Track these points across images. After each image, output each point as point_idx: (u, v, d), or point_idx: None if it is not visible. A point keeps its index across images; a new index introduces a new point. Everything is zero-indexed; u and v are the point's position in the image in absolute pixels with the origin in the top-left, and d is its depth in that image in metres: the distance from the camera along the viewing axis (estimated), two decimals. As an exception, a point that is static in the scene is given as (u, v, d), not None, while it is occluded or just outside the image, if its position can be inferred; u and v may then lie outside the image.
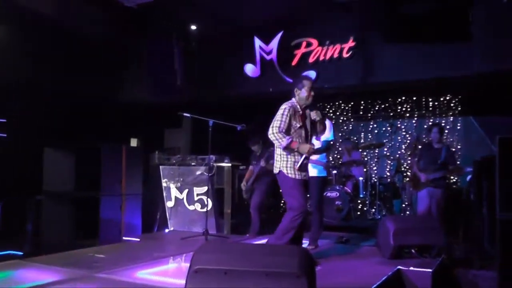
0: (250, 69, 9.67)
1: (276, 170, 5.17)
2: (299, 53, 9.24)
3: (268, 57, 9.50)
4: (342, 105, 11.21)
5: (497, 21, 7.59)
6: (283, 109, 5.08)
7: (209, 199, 7.64)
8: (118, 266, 5.15)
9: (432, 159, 7.40)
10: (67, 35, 8.83)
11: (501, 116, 8.36)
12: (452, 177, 9.71)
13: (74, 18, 8.80)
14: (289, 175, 5.06)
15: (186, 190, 8.20)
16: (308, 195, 5.71)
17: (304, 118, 5.16)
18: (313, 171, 6.06)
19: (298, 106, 5.17)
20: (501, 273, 5.19)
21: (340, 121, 11.35)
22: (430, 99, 10.29)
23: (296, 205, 4.97)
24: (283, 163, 5.10)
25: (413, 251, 5.48)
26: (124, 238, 7.61)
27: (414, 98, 10.41)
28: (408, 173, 9.75)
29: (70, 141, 8.55)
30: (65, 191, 8.03)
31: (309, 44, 9.16)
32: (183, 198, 8.23)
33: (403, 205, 9.42)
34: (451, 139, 10.14)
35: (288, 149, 5.00)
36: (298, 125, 5.07)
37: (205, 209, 7.43)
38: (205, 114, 7.10)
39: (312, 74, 8.98)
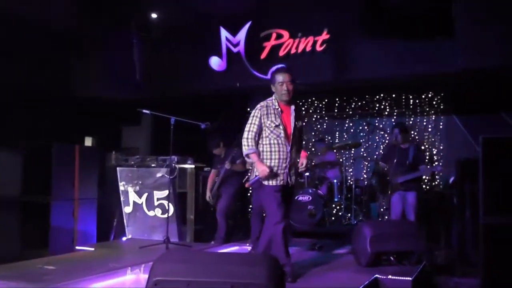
0: (215, 62, 9.62)
1: (252, 176, 5.19)
2: (268, 45, 9.22)
3: (235, 50, 9.46)
4: (315, 102, 11.21)
5: (480, 16, 7.69)
6: (254, 111, 5.10)
7: (170, 204, 7.59)
8: (70, 278, 5.04)
9: (399, 161, 7.50)
10: (10, 23, 8.60)
11: (485, 115, 8.50)
12: (428, 179, 9.84)
13: (20, 4, 8.59)
14: (264, 182, 5.04)
15: (146, 194, 8.13)
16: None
17: (286, 116, 5.08)
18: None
19: (277, 103, 5.09)
20: (484, 281, 5.26)
21: (313, 119, 11.35)
22: (410, 96, 10.36)
23: (271, 212, 5.01)
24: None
25: (391, 258, 5.51)
26: (77, 247, 7.51)
27: (393, 95, 10.48)
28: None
29: (15, 139, 8.37)
30: (10, 196, 7.86)
31: (279, 36, 9.15)
32: (142, 203, 8.16)
33: (381, 209, 9.48)
34: (433, 139, 10.24)
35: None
36: (274, 124, 5.00)
37: (166, 215, 7.37)
38: (167, 111, 7.06)
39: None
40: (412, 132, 10.30)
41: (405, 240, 5.58)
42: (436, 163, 9.89)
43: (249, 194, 10.12)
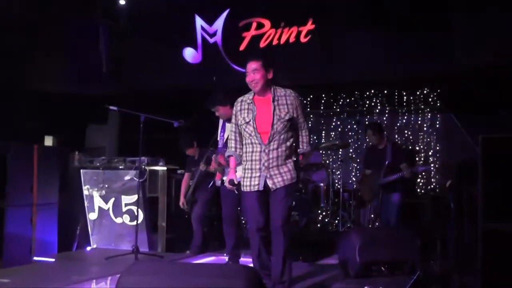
0: (190, 54, 9.59)
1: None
2: (248, 36, 9.22)
3: (211, 40, 9.44)
4: (300, 98, 11.19)
5: (479, 10, 7.76)
6: None
7: (140, 210, 7.55)
8: (27, 292, 4.98)
9: (377, 162, 7.61)
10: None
11: (485, 113, 8.56)
12: (423, 181, 9.92)
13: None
14: (241, 187, 4.90)
15: (113, 199, 8.08)
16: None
17: (263, 110, 4.79)
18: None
19: (251, 97, 4.87)
20: (483, 291, 5.28)
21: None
22: (404, 93, 10.43)
23: (247, 220, 4.96)
24: None
25: (382, 268, 5.51)
26: (35, 258, 7.45)
27: (385, 92, 10.54)
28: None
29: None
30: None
31: (260, 26, 9.15)
32: (108, 209, 8.12)
33: (371, 215, 9.50)
34: (428, 139, 10.32)
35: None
36: (245, 121, 4.80)
37: (135, 222, 7.30)
38: (136, 108, 6.99)
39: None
40: (406, 131, 10.36)
41: (398, 248, 5.59)
42: (422, 162, 9.97)
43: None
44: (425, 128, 10.35)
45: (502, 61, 7.75)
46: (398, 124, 10.51)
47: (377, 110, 10.73)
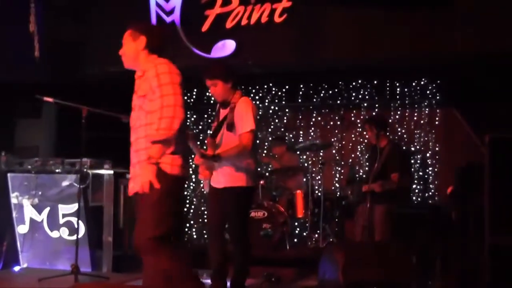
0: (142, 35, 9.48)
1: None
2: (212, 14, 9.15)
3: (168, 19, 9.37)
4: (273, 89, 11.24)
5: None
6: None
7: (81, 222, 7.52)
8: None
9: (370, 164, 7.79)
10: None
11: (493, 108, 8.64)
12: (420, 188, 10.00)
13: None
14: None
15: (48, 209, 8.05)
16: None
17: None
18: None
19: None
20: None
21: (270, 111, 11.38)
22: (397, 84, 10.50)
23: None
24: None
25: (371, 291, 5.52)
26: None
27: (375, 82, 10.60)
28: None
29: None
30: None
31: (226, 2, 9.11)
32: (42, 221, 8.07)
33: (358, 228, 9.54)
34: (426, 138, 10.40)
35: None
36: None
37: (74, 237, 7.26)
38: (77, 100, 6.95)
39: (229, 45, 8.97)
40: (400, 129, 10.41)
41: (389, 268, 5.59)
42: (419, 165, 10.04)
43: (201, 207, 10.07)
44: (421, 126, 10.45)
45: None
46: (390, 121, 10.53)
47: (365, 104, 10.79)
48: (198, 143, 11.18)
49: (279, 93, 11.26)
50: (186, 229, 11.03)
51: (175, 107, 4.34)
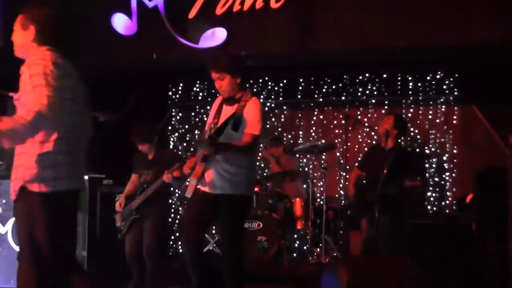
0: (121, 22, 9.52)
1: None
2: (200, -1, 9.17)
3: (150, 4, 9.36)
4: (269, 84, 11.21)
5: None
6: None
7: None
8: None
9: (375, 167, 7.65)
10: None
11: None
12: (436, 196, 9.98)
13: None
14: None
15: (12, 220, 7.89)
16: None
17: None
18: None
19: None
20: None
21: (266, 109, 11.33)
22: (409, 78, 10.47)
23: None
24: None
25: (381, 313, 5.51)
26: None
27: (384, 76, 10.56)
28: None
29: None
30: None
31: (216, -15, 9.12)
32: (6, 233, 8.02)
33: (365, 240, 9.52)
34: (442, 140, 10.36)
35: None
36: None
37: (44, 251, 7.18)
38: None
39: (220, 34, 8.99)
40: (412, 129, 10.38)
41: (401, 287, 5.59)
42: (435, 170, 10.03)
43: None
44: (437, 125, 10.41)
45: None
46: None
47: (373, 101, 10.75)
48: (185, 144, 11.27)
49: (276, 89, 11.23)
50: (171, 242, 10.97)
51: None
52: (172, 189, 7.93)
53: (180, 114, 11.52)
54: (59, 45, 4.70)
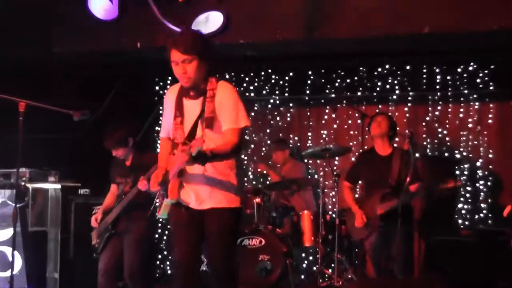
0: (99, 4, 9.53)
1: None
2: (192, -22, 9.17)
3: (135, -15, 9.38)
4: (273, 77, 11.24)
5: None
6: None
7: (16, 253, 7.51)
8: None
9: (378, 176, 7.73)
10: None
11: None
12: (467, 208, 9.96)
13: None
14: None
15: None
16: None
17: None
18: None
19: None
20: None
21: (269, 106, 11.34)
22: (437, 70, 10.46)
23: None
24: None
25: None
26: None
27: (407, 68, 10.58)
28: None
29: None
30: None
31: (211, -38, 9.12)
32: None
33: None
34: (475, 142, 10.34)
35: None
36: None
37: (8, 272, 7.17)
38: (13, 89, 6.78)
39: (215, 19, 8.98)
40: (440, 130, 10.35)
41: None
42: (466, 178, 10.02)
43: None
44: (470, 125, 10.38)
45: None
46: (428, 119, 10.56)
47: (395, 97, 10.75)
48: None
49: (281, 83, 11.24)
50: (158, 262, 10.96)
51: None
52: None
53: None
54: None
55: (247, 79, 11.32)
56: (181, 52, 5.23)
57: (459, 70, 10.33)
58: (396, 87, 10.67)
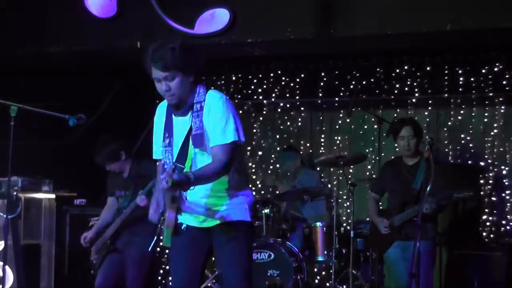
0: (97, 2, 9.50)
1: None
2: (196, -29, 9.18)
3: (134, -20, 9.38)
4: (283, 79, 11.23)
5: None
6: None
7: (8, 268, 7.54)
8: None
9: (402, 187, 7.70)
10: None
11: None
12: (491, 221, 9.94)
13: None
14: None
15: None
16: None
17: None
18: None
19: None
20: None
21: (279, 110, 11.34)
22: (459, 71, 10.40)
23: None
24: None
25: None
26: None
27: (427, 69, 10.53)
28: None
29: None
30: None
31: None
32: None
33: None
34: (501, 149, 10.31)
35: None
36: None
37: (-1, 288, 7.20)
38: (5, 92, 6.82)
39: (221, 16, 8.97)
40: (463, 135, 10.33)
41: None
42: (491, 187, 9.99)
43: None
44: (495, 131, 10.34)
45: None
46: (450, 124, 10.55)
47: (414, 100, 10.72)
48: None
49: (291, 85, 11.23)
50: (160, 277, 10.95)
51: None
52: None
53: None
54: None
55: (255, 80, 11.31)
56: (160, 70, 5.10)
57: (483, 71, 10.26)
58: (416, 90, 10.63)
